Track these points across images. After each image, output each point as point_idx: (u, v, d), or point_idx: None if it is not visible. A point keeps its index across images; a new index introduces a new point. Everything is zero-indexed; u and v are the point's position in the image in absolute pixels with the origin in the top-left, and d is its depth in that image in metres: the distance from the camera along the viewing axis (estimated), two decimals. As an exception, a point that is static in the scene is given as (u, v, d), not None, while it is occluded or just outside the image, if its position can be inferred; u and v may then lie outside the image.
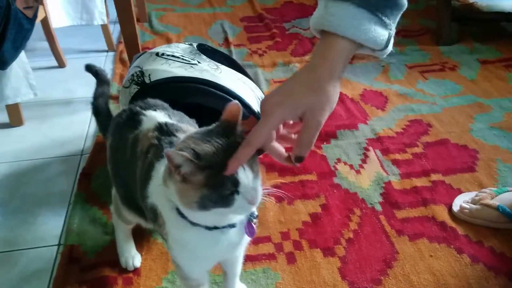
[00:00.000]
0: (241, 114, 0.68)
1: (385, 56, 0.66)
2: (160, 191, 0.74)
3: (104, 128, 1.05)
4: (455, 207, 1.19)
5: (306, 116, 0.62)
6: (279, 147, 0.67)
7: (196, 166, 0.62)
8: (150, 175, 0.77)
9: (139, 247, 1.10)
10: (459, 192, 1.26)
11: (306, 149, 0.65)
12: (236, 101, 0.69)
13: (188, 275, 0.84)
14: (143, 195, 0.79)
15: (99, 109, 1.12)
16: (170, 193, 0.69)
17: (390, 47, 0.64)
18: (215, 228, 0.72)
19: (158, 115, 0.86)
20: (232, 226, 0.73)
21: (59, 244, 1.15)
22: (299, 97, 0.62)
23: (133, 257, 1.06)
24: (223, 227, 0.72)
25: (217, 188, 0.63)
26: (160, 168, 0.75)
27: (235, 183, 0.64)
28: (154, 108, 0.89)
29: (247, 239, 0.79)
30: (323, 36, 0.63)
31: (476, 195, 1.19)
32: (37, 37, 2.05)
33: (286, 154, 0.67)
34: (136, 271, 1.06)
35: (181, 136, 0.80)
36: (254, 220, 0.76)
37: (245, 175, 0.64)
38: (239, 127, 0.67)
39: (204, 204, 0.64)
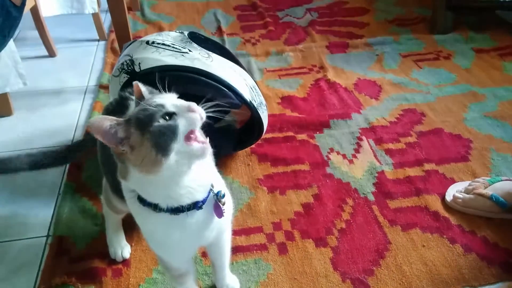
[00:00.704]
0: (141, 89, 0.72)
1: None
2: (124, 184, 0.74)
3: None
4: (448, 197, 1.19)
5: None
6: None
7: (125, 126, 0.63)
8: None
9: (129, 238, 1.09)
10: (453, 181, 1.26)
11: None
12: (136, 82, 0.72)
13: (168, 264, 0.83)
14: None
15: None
16: (133, 182, 0.67)
17: None
18: (180, 211, 0.70)
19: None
20: (198, 207, 0.71)
21: (48, 235, 1.14)
22: None
23: (123, 248, 1.05)
24: (188, 208, 0.70)
25: (152, 124, 0.63)
26: None
27: (160, 106, 0.64)
28: None
29: (217, 222, 0.76)
30: None
31: (470, 185, 1.19)
32: (27, 26, 2.02)
33: None
34: (125, 262, 1.05)
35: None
36: (222, 200, 0.74)
37: (162, 97, 0.66)
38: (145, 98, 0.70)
39: (163, 149, 0.62)
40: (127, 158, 0.65)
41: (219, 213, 0.74)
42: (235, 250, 1.05)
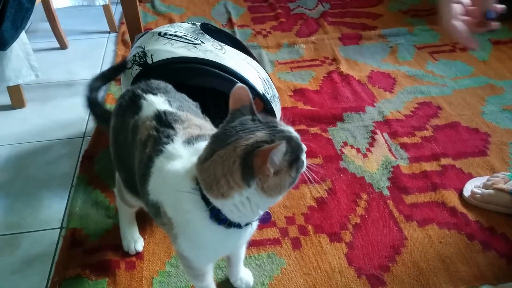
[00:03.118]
0: (250, 94, 0.68)
1: None
2: (169, 193, 0.71)
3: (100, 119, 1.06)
4: (466, 192, 1.16)
5: None
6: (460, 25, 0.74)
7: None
8: (149, 172, 0.74)
9: (142, 230, 1.09)
10: (470, 176, 1.23)
11: (487, 2, 0.71)
12: (241, 84, 0.68)
13: (196, 266, 0.82)
14: (143, 191, 0.76)
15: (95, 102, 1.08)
16: (234, 202, 0.64)
17: None
18: (247, 224, 0.72)
19: (157, 100, 0.83)
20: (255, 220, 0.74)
21: (61, 227, 1.14)
22: None
23: (136, 241, 1.05)
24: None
25: (298, 161, 0.65)
26: (161, 163, 0.73)
27: (301, 145, 0.66)
28: (155, 91, 0.85)
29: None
30: None
31: (488, 180, 1.16)
32: (38, 18, 2.02)
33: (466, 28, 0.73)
34: (139, 255, 1.05)
35: (178, 127, 0.77)
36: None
37: (286, 126, 0.67)
38: (254, 106, 0.68)
39: (295, 180, 0.66)
40: (265, 180, 0.62)
41: (267, 219, 0.77)
42: (249, 244, 1.04)
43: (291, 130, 0.66)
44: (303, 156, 0.67)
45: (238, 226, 0.70)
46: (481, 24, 0.72)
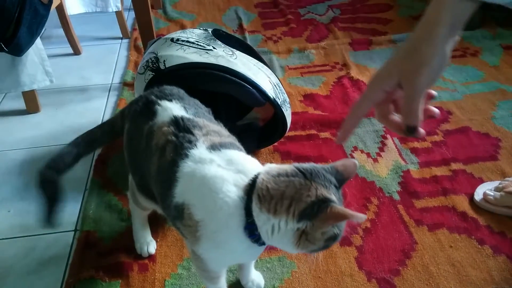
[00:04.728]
0: (355, 172, 0.73)
1: None
2: (206, 196, 0.71)
3: None
4: (477, 196, 1.16)
5: (402, 84, 0.59)
6: (398, 120, 0.64)
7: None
8: (175, 177, 0.74)
9: (155, 233, 1.10)
10: (481, 181, 1.23)
11: (410, 118, 0.59)
12: (356, 162, 0.73)
13: (212, 269, 0.82)
14: (166, 195, 0.76)
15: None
16: (279, 226, 0.67)
17: None
18: None
19: (173, 106, 0.83)
20: None
21: (75, 230, 1.16)
22: (393, 65, 0.60)
23: (148, 244, 1.06)
24: None
25: (335, 239, 0.69)
26: (190, 168, 0.73)
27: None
28: (170, 98, 0.86)
29: None
30: None
31: (500, 184, 1.16)
32: (52, 24, 2.06)
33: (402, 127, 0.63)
34: (151, 257, 1.06)
35: (198, 133, 0.78)
36: None
37: None
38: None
39: (318, 250, 0.70)
40: (316, 229, 0.66)
41: None
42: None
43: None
44: (336, 240, 0.70)
45: (263, 243, 0.72)
46: (401, 132, 0.63)
